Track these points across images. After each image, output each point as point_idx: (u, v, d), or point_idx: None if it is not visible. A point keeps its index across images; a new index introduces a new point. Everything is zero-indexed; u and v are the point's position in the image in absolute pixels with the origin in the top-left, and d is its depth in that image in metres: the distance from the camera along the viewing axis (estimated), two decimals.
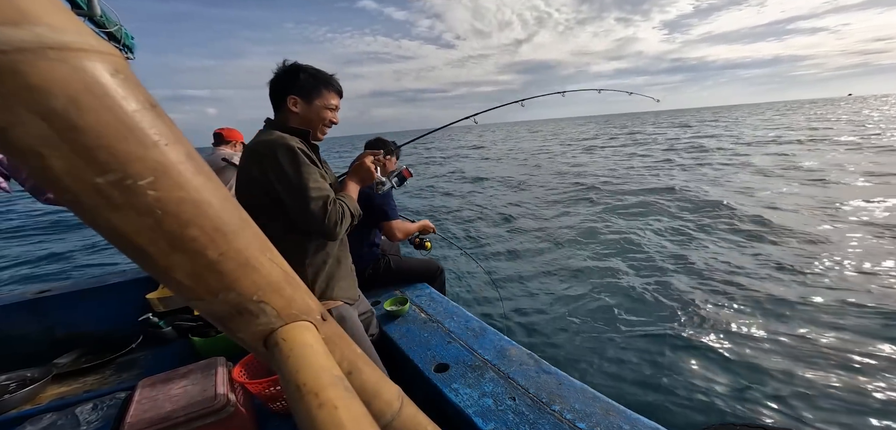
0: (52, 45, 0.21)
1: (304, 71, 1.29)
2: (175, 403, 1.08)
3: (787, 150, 12.41)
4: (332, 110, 1.35)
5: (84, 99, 0.21)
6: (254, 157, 1.23)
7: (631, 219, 6.15)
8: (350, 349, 0.41)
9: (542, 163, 14.61)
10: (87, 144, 0.22)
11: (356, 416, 0.28)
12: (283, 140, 1.20)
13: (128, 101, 0.23)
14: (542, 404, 1.15)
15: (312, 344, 0.33)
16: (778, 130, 20.91)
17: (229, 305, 0.30)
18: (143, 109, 0.24)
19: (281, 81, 1.30)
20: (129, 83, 0.24)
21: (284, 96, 1.29)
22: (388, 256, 2.23)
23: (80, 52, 0.22)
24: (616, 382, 2.46)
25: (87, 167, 0.22)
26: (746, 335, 2.79)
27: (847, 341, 2.63)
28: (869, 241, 4.30)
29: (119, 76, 0.23)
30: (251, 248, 0.30)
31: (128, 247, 0.25)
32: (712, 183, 8.26)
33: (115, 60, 0.24)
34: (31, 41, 0.20)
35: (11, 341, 1.91)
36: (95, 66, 0.22)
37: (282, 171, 1.18)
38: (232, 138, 2.89)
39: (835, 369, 2.39)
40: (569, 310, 3.38)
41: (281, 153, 1.18)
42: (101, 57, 0.23)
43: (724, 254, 4.30)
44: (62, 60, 0.21)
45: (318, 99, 1.31)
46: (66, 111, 0.21)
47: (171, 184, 0.25)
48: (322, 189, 1.21)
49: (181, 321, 2.00)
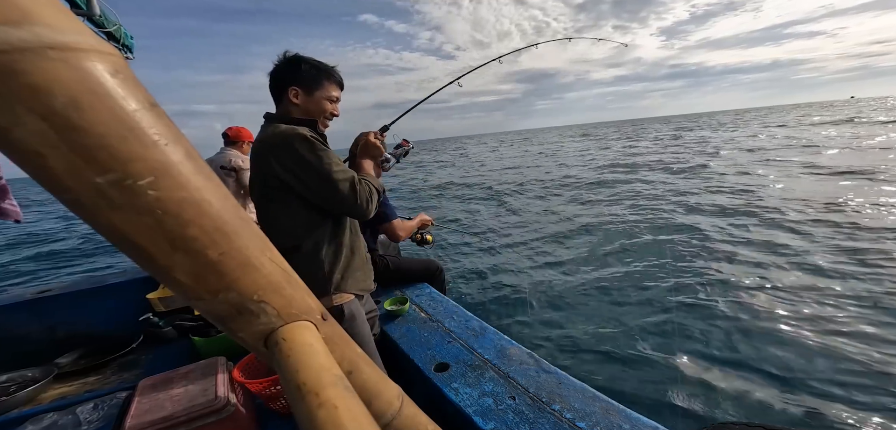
0: (52, 45, 0.21)
1: (306, 62, 1.27)
2: (176, 403, 1.08)
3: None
4: (333, 102, 1.33)
5: (84, 99, 0.21)
6: (268, 150, 1.20)
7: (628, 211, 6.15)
8: (350, 349, 0.41)
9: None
10: (87, 143, 0.22)
11: (356, 416, 0.28)
12: (295, 131, 1.19)
13: (127, 100, 0.23)
14: (541, 403, 1.15)
15: (313, 344, 0.33)
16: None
17: (230, 305, 0.30)
18: (143, 109, 0.24)
19: (282, 72, 1.28)
20: (129, 83, 0.24)
21: (285, 88, 1.27)
22: (387, 256, 2.23)
23: (80, 52, 0.22)
24: (616, 382, 2.46)
25: (87, 167, 0.22)
26: (747, 335, 2.79)
27: (850, 341, 2.63)
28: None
29: (119, 76, 0.23)
30: (251, 248, 0.30)
31: (128, 247, 0.25)
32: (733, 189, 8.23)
33: (115, 60, 0.24)
34: (32, 41, 0.20)
35: (13, 341, 1.91)
36: (95, 66, 0.22)
37: (304, 160, 1.17)
38: (240, 138, 2.83)
39: (835, 369, 2.39)
40: (569, 308, 3.38)
41: (298, 143, 1.17)
42: (100, 57, 0.23)
43: (728, 252, 4.31)
44: (62, 60, 0.21)
45: (319, 90, 1.29)
46: (65, 111, 0.21)
47: (172, 184, 0.25)
48: (346, 171, 1.21)
49: (182, 321, 2.00)
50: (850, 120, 24.33)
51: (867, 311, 2.94)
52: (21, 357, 1.73)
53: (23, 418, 1.16)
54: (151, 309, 2.06)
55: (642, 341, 2.80)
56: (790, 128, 21.79)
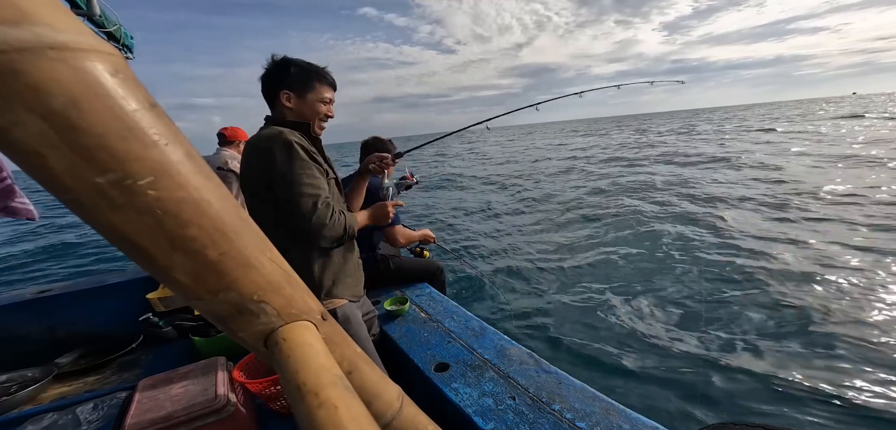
0: (52, 45, 0.21)
1: (295, 65, 1.27)
2: (175, 403, 1.08)
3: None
4: (326, 104, 1.33)
5: (84, 99, 0.21)
6: (254, 152, 1.23)
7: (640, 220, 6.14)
8: (350, 349, 0.41)
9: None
10: (87, 143, 0.22)
11: (356, 416, 0.28)
12: (281, 134, 1.19)
13: (127, 100, 0.23)
14: (541, 403, 1.15)
15: (313, 344, 0.33)
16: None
17: (230, 305, 0.30)
18: (143, 109, 0.24)
19: (272, 76, 1.28)
20: (129, 83, 0.24)
21: (277, 92, 1.27)
22: (387, 256, 2.24)
23: (80, 52, 0.22)
24: (616, 381, 2.45)
25: (87, 167, 0.22)
26: (747, 335, 2.79)
27: (852, 341, 2.63)
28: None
29: (119, 76, 0.23)
30: (251, 247, 0.30)
31: (128, 247, 0.25)
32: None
33: (115, 60, 0.24)
34: (31, 41, 0.20)
35: (12, 341, 1.91)
36: (95, 66, 0.22)
37: (275, 165, 1.17)
38: (235, 138, 2.87)
39: (836, 368, 2.39)
40: (570, 308, 3.38)
41: (277, 147, 1.18)
42: (100, 57, 0.23)
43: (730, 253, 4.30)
44: (62, 60, 0.21)
45: (311, 93, 1.29)
46: (65, 111, 0.21)
47: (171, 184, 0.25)
48: (316, 187, 1.19)
49: (181, 321, 2.00)
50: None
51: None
52: (21, 357, 1.73)
53: (23, 418, 1.16)
54: (151, 309, 2.06)
55: (643, 340, 2.80)
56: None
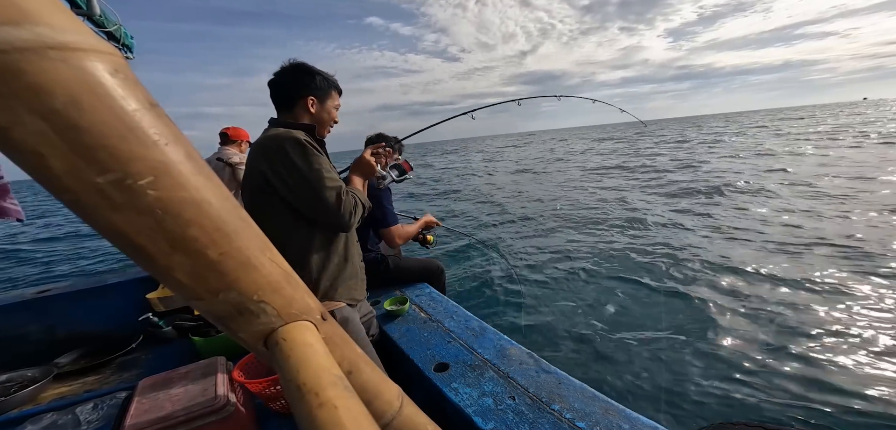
0: (53, 45, 0.21)
1: (318, 73, 1.34)
2: (175, 403, 1.08)
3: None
4: (336, 110, 1.42)
5: (84, 98, 0.21)
6: (262, 152, 1.23)
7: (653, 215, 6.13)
8: (350, 349, 0.41)
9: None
10: (88, 143, 0.22)
11: (356, 416, 0.28)
12: (290, 134, 1.21)
13: (127, 100, 0.23)
14: (541, 403, 1.15)
15: (313, 344, 0.33)
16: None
17: (230, 304, 0.30)
18: (143, 109, 0.24)
19: (296, 81, 1.32)
20: (129, 83, 0.24)
21: (298, 97, 1.32)
22: (387, 257, 2.23)
23: (81, 52, 0.22)
24: (617, 382, 2.45)
25: (87, 167, 0.22)
26: (748, 334, 2.79)
27: (853, 342, 2.63)
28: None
29: (119, 76, 0.23)
30: (251, 248, 0.30)
31: (128, 247, 0.25)
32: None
33: (115, 60, 0.24)
34: (32, 41, 0.20)
35: (12, 341, 1.91)
36: (95, 66, 0.22)
37: (293, 164, 1.18)
38: (238, 138, 2.88)
39: (836, 367, 2.39)
40: (572, 310, 3.38)
41: (290, 147, 1.19)
42: (101, 57, 0.23)
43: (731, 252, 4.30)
44: (62, 60, 0.21)
45: (329, 100, 1.38)
46: (66, 111, 0.21)
47: (172, 183, 0.25)
48: (335, 180, 1.23)
49: (181, 321, 2.00)
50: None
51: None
52: (21, 357, 1.73)
53: (22, 418, 1.16)
54: (151, 309, 2.06)
55: (643, 340, 2.80)
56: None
